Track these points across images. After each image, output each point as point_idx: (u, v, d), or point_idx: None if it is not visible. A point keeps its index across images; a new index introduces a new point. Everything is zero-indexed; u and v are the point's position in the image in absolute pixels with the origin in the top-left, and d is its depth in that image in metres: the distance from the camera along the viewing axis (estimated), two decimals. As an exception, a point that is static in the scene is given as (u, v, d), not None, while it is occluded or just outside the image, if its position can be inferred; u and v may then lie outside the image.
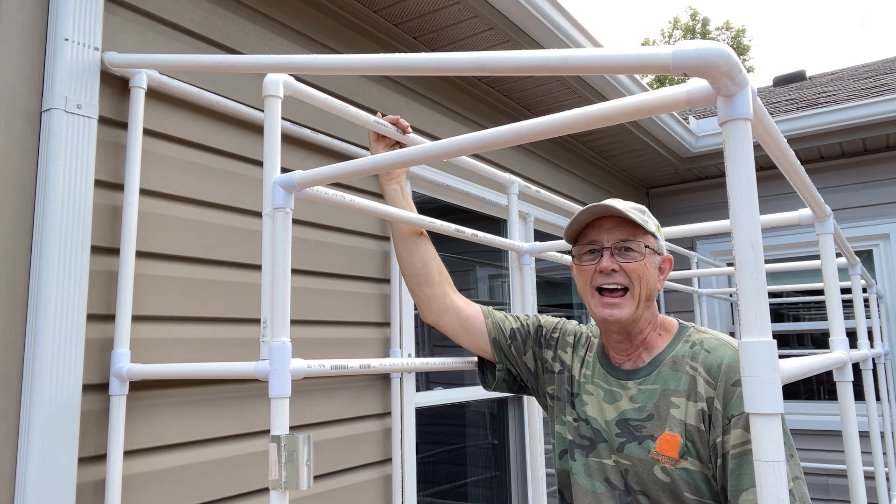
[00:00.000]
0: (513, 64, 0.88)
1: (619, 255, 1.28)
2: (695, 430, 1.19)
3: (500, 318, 1.51)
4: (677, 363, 1.26)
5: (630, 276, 1.27)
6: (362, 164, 1.11)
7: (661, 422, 1.22)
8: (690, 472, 1.18)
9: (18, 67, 1.41)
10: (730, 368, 1.19)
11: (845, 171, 4.38)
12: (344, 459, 2.07)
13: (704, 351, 1.25)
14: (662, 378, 1.26)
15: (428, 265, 1.49)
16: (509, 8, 2.49)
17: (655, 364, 1.29)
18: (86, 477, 1.42)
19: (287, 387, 1.11)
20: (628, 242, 1.28)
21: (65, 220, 1.40)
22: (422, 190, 2.60)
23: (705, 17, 23.65)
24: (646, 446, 1.23)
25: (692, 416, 1.20)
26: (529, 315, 1.55)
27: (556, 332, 1.49)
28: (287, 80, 1.29)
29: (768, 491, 0.64)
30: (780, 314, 4.76)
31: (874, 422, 1.97)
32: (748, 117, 0.70)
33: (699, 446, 1.18)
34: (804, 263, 2.67)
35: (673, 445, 1.20)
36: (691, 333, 1.32)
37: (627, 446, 1.25)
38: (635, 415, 1.26)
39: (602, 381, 1.34)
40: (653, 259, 1.30)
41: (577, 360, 1.42)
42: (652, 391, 1.26)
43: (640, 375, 1.30)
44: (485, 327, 1.49)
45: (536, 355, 1.48)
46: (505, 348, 1.48)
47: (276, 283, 1.14)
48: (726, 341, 1.26)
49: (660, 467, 1.20)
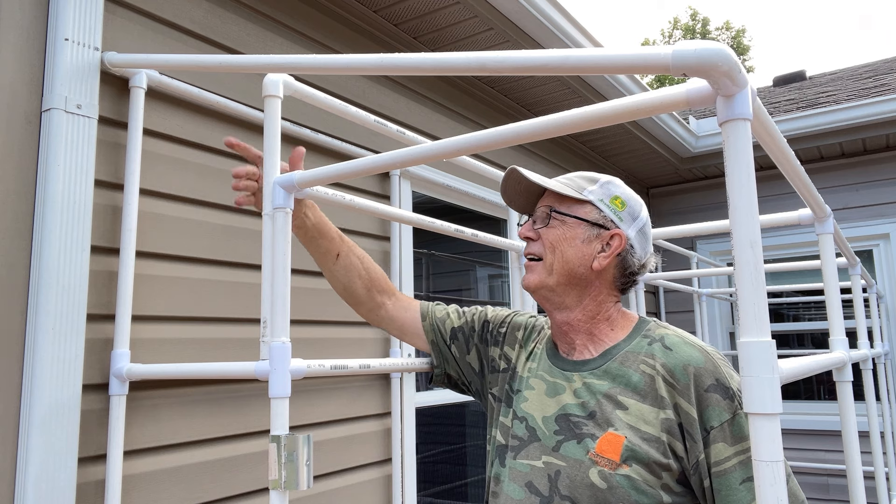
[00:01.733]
0: (513, 64, 0.88)
1: (539, 222, 1.21)
2: (652, 438, 1.05)
3: (442, 317, 1.40)
4: (630, 360, 1.13)
5: (545, 245, 1.19)
6: (362, 164, 1.11)
7: (605, 421, 1.09)
8: (633, 480, 1.03)
9: (18, 67, 1.41)
10: (699, 371, 1.06)
11: (845, 171, 4.38)
12: (344, 459, 2.07)
13: (665, 348, 1.11)
14: (611, 374, 1.13)
15: (350, 287, 1.38)
16: (509, 8, 2.49)
17: (606, 358, 1.16)
18: (86, 477, 1.42)
19: (287, 387, 1.11)
20: (550, 210, 1.20)
21: (65, 220, 1.40)
22: (422, 190, 2.60)
23: (705, 17, 23.65)
24: (585, 446, 1.08)
25: (649, 421, 1.06)
26: (479, 309, 1.42)
27: (504, 326, 1.36)
28: (287, 80, 1.29)
29: (767, 491, 0.64)
30: (780, 314, 4.76)
31: (874, 422, 1.97)
32: (748, 117, 0.70)
33: (654, 455, 1.04)
34: (804, 263, 2.67)
35: (615, 447, 1.05)
36: (651, 328, 1.18)
37: (565, 445, 1.11)
38: (577, 410, 1.12)
39: (546, 373, 1.22)
40: (581, 230, 1.17)
41: (523, 354, 1.29)
42: (597, 387, 1.12)
43: (586, 368, 1.16)
44: (422, 330, 1.39)
45: (481, 354, 1.36)
46: (444, 350, 1.38)
47: (276, 283, 1.14)
48: (690, 340, 1.13)
49: (597, 471, 1.05)
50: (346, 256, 1.37)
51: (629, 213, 1.20)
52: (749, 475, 1.01)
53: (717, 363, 1.09)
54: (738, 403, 1.04)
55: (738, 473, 1.01)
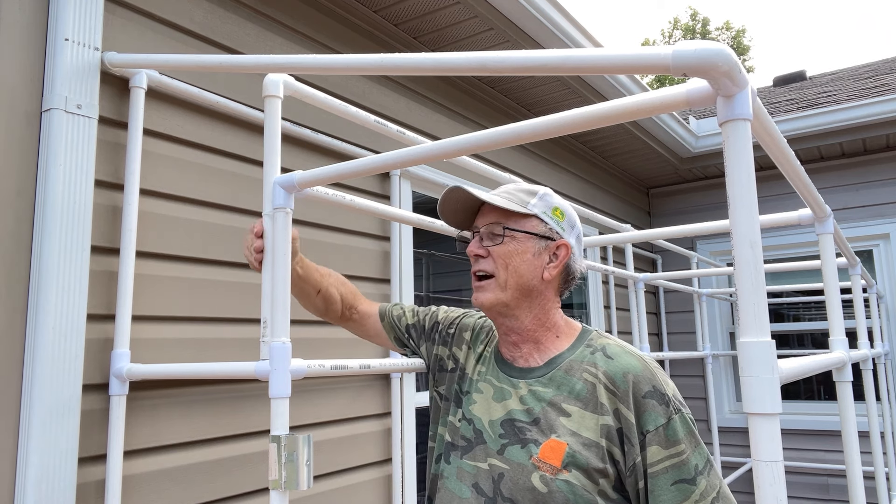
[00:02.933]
0: (513, 64, 0.88)
1: (487, 239, 1.21)
2: (592, 444, 1.09)
3: (398, 314, 1.46)
4: (574, 368, 1.17)
5: (496, 262, 1.19)
6: (362, 164, 1.11)
7: (549, 427, 1.12)
8: (572, 485, 1.07)
9: (19, 67, 1.41)
10: (638, 379, 1.11)
11: (845, 171, 4.38)
12: (344, 459, 2.07)
13: (606, 357, 1.16)
14: (556, 382, 1.17)
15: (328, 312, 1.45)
16: (509, 8, 2.49)
17: (551, 366, 1.19)
18: (86, 477, 1.42)
19: (287, 387, 1.11)
20: (494, 227, 1.21)
21: (65, 220, 1.40)
22: (422, 190, 2.60)
23: (705, 17, 23.64)
24: (528, 451, 1.12)
25: (589, 427, 1.10)
26: (432, 309, 1.47)
27: (453, 328, 1.39)
28: (287, 80, 1.29)
29: (766, 491, 0.64)
30: (780, 314, 4.76)
31: (874, 422, 1.97)
32: (748, 117, 0.70)
33: (593, 461, 1.08)
34: (804, 263, 2.67)
35: (557, 453, 1.09)
36: (594, 338, 1.22)
37: (509, 449, 1.15)
38: (522, 416, 1.16)
39: (494, 377, 1.25)
40: (531, 244, 1.20)
41: (473, 356, 1.32)
42: (542, 394, 1.16)
43: (532, 376, 1.20)
44: (382, 329, 1.46)
45: (429, 352, 1.40)
46: (410, 343, 1.45)
47: (276, 283, 1.14)
48: (630, 350, 1.18)
49: (539, 475, 1.09)
50: (325, 289, 1.42)
51: (568, 223, 1.25)
52: (681, 477, 1.06)
53: (654, 371, 1.14)
54: (672, 409, 1.09)
55: (671, 475, 1.06)
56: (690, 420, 1.11)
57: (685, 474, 1.06)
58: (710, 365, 4.32)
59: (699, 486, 1.06)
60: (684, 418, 1.10)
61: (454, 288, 3.94)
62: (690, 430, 1.10)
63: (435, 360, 1.39)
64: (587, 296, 3.98)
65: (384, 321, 1.47)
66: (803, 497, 4.28)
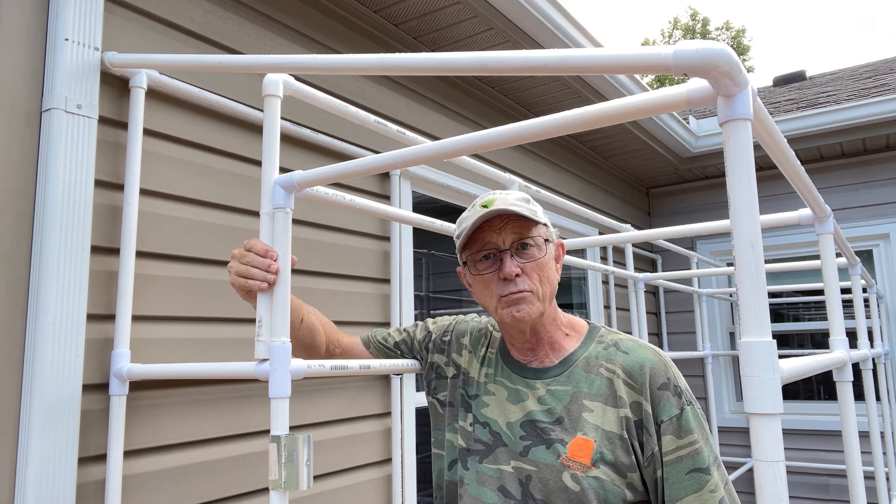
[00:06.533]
0: (513, 64, 0.88)
1: (518, 255, 1.18)
2: (616, 438, 1.11)
3: (383, 337, 1.46)
4: (591, 365, 1.18)
5: (531, 277, 1.17)
6: (362, 164, 1.11)
7: (573, 426, 1.13)
8: (602, 481, 1.08)
9: (18, 67, 1.40)
10: (654, 371, 1.14)
11: (845, 171, 4.38)
12: (344, 459, 2.07)
13: (621, 352, 1.18)
14: (574, 380, 1.17)
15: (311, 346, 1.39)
16: (509, 8, 2.49)
17: (566, 365, 1.20)
18: (86, 477, 1.42)
19: (287, 387, 1.11)
20: (525, 240, 1.18)
21: (65, 220, 1.40)
22: (422, 190, 2.60)
23: (705, 17, 23.65)
24: (555, 451, 1.12)
25: (611, 422, 1.12)
26: (419, 323, 1.47)
27: (447, 335, 1.39)
28: (287, 79, 1.29)
29: (768, 491, 0.64)
30: (780, 314, 4.76)
31: (874, 422, 1.97)
32: (748, 117, 0.70)
33: (619, 455, 1.10)
34: (804, 263, 2.67)
35: (586, 451, 1.10)
36: (603, 334, 1.25)
37: (533, 450, 1.14)
38: (543, 417, 1.16)
39: (506, 379, 1.24)
40: (550, 251, 1.22)
41: (475, 360, 1.31)
42: (562, 393, 1.17)
43: (549, 376, 1.20)
44: (371, 356, 1.45)
45: (425, 361, 1.40)
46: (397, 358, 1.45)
47: (275, 283, 1.14)
48: (643, 343, 1.21)
49: (570, 474, 1.09)
50: (307, 318, 1.37)
51: (550, 222, 1.27)
52: (696, 466, 1.08)
53: (668, 364, 1.17)
54: (685, 401, 1.13)
55: (686, 463, 1.09)
56: (701, 414, 1.14)
57: (700, 464, 1.08)
58: (710, 365, 4.32)
59: (713, 477, 1.08)
60: (695, 411, 1.13)
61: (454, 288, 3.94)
62: (701, 423, 1.12)
63: (431, 368, 1.38)
64: (587, 296, 3.98)
65: (370, 349, 1.46)
66: (803, 497, 4.28)
